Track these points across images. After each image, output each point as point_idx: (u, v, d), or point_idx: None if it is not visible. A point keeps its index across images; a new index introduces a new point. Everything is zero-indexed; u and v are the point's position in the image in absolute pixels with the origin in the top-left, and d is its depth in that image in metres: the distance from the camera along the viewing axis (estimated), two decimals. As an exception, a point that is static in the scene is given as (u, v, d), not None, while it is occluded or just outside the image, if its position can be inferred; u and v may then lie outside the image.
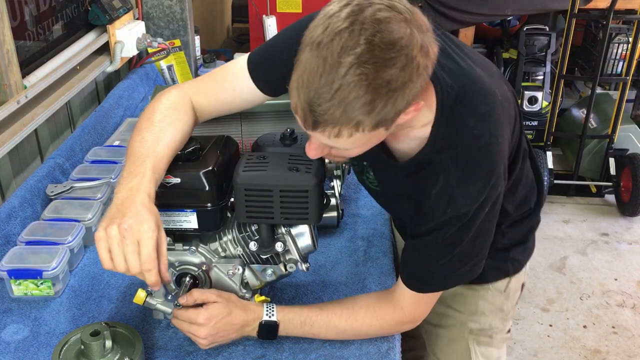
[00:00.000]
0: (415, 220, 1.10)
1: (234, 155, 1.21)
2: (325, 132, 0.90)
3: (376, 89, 0.84)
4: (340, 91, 0.84)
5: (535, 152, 3.42)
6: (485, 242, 1.11)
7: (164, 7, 2.45)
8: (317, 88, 0.85)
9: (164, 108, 1.12)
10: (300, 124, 0.93)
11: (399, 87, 0.85)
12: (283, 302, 1.30)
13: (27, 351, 1.18)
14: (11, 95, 1.57)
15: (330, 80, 0.84)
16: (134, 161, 1.03)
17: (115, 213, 0.96)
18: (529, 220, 1.31)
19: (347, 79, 0.83)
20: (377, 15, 0.83)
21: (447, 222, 1.03)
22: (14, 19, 1.62)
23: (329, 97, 0.85)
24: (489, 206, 1.04)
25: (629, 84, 3.36)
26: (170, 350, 1.18)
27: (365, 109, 0.85)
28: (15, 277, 1.28)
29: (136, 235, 0.94)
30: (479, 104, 1.02)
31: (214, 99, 1.19)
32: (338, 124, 0.88)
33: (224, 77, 1.18)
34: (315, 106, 0.86)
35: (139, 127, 1.09)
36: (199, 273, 1.16)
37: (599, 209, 3.55)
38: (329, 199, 1.26)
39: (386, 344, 1.19)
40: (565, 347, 2.60)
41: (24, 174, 1.69)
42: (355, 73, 0.83)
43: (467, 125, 1.01)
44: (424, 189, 1.04)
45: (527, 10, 3.64)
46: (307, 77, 0.86)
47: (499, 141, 1.03)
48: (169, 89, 1.18)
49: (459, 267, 1.11)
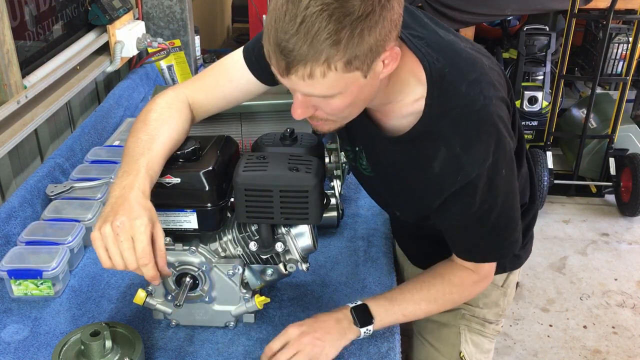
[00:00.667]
0: (419, 199, 1.10)
1: (234, 155, 1.21)
2: (299, 73, 0.89)
3: (339, 19, 0.85)
4: (304, 24, 0.85)
5: (535, 151, 3.42)
6: (514, 205, 1.11)
7: (164, 7, 2.45)
8: (282, 26, 0.86)
9: (158, 108, 1.12)
10: (276, 74, 0.93)
11: (362, 17, 0.86)
12: (283, 302, 1.30)
13: (27, 351, 1.18)
14: (11, 95, 1.57)
15: (293, 15, 0.85)
16: (129, 160, 1.03)
17: (109, 212, 0.97)
18: (526, 217, 1.31)
19: (309, 11, 0.84)
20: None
21: (462, 191, 1.03)
22: (14, 19, 1.62)
23: (294, 31, 0.85)
24: (503, 167, 1.04)
25: (629, 84, 3.36)
26: (170, 350, 1.18)
27: (330, 40, 0.85)
28: (15, 277, 1.28)
29: (129, 232, 0.94)
30: (467, 71, 1.03)
31: (212, 94, 1.19)
32: (308, 62, 0.88)
33: (220, 71, 1.19)
34: (283, 44, 0.87)
35: (134, 128, 1.10)
36: (199, 273, 1.16)
37: (599, 209, 3.55)
38: (329, 199, 1.26)
39: (386, 344, 1.19)
40: (565, 347, 2.60)
41: (24, 174, 1.69)
42: (316, 4, 0.84)
43: (460, 91, 1.01)
44: (424, 162, 1.05)
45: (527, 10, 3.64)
46: (274, 19, 0.88)
47: (493, 102, 1.03)
48: (166, 91, 1.19)
49: (509, 233, 1.13)
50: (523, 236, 1.33)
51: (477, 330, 1.41)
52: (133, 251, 0.95)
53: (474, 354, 1.42)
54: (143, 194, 0.99)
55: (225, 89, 1.19)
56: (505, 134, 1.03)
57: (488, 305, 1.39)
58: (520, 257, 1.38)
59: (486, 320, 1.40)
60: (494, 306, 1.39)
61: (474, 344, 1.41)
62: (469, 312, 1.39)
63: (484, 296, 1.36)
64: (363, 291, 1.34)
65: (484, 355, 1.44)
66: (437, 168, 1.03)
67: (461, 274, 1.19)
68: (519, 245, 1.17)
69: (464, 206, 1.05)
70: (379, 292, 1.33)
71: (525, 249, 1.38)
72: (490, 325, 1.41)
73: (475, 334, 1.41)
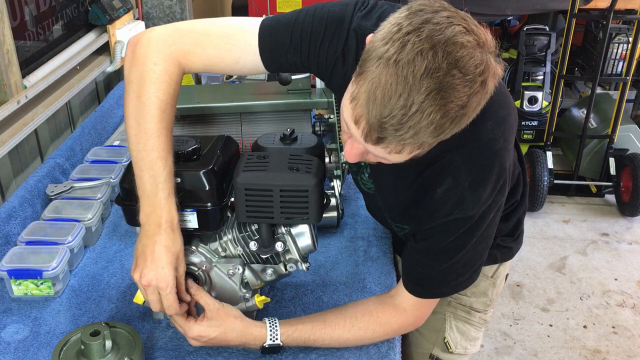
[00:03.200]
0: (416, 218, 1.09)
1: (234, 155, 1.21)
2: (388, 148, 0.88)
3: (449, 114, 0.83)
4: (416, 114, 0.82)
5: (535, 151, 3.42)
6: (486, 247, 1.11)
7: (164, 7, 2.45)
8: (392, 107, 0.83)
9: (159, 111, 1.05)
10: (357, 136, 0.89)
11: (469, 111, 0.85)
12: (283, 302, 1.30)
13: (27, 351, 1.18)
14: (11, 95, 1.57)
15: (409, 103, 0.82)
16: (148, 182, 1.03)
17: (140, 256, 1.04)
18: (516, 213, 1.32)
19: (425, 104, 0.81)
20: (458, 38, 0.82)
21: (451, 224, 1.03)
22: (14, 19, 1.62)
23: (404, 119, 0.83)
24: (494, 211, 1.04)
25: (629, 84, 3.36)
26: (170, 350, 1.18)
27: (435, 132, 0.85)
28: (15, 277, 1.28)
29: (156, 290, 1.04)
30: (498, 106, 1.02)
31: (211, 67, 1.14)
32: (404, 144, 0.86)
33: (229, 47, 1.11)
34: (387, 125, 0.84)
35: (139, 134, 1.05)
36: (199, 273, 1.16)
37: (599, 209, 3.55)
38: (329, 198, 1.26)
39: (386, 344, 1.19)
40: (565, 347, 2.60)
41: (24, 174, 1.69)
42: (435, 98, 0.81)
43: (486, 127, 1.00)
44: (429, 188, 1.04)
45: (527, 10, 3.65)
46: (382, 93, 0.83)
47: (509, 147, 1.03)
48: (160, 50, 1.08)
49: (461, 273, 1.11)
50: (514, 230, 1.35)
51: (463, 318, 1.41)
52: (161, 304, 1.06)
53: (459, 341, 1.42)
54: (172, 229, 1.03)
55: (227, 67, 1.14)
56: (507, 182, 1.04)
57: (476, 294, 1.39)
58: (512, 249, 1.38)
59: (473, 309, 1.40)
60: (482, 295, 1.39)
61: (460, 331, 1.41)
62: (456, 300, 1.39)
63: (473, 285, 1.36)
64: (363, 291, 1.34)
65: (470, 343, 1.43)
66: (439, 194, 1.03)
67: (391, 314, 1.16)
68: (468, 284, 1.15)
69: (442, 236, 1.05)
70: (379, 291, 1.33)
71: (516, 242, 1.38)
72: (477, 314, 1.41)
73: (461, 321, 1.41)
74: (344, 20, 1.07)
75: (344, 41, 1.06)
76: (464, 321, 1.41)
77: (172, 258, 1.04)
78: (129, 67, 1.08)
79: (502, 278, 1.42)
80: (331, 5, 1.09)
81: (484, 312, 1.42)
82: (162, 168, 1.03)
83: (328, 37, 1.07)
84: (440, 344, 1.42)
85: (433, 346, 1.44)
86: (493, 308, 1.45)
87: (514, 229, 1.35)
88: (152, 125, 1.04)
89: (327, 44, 1.07)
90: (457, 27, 0.83)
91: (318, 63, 1.10)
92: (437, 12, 0.85)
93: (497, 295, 1.43)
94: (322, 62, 1.09)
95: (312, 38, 1.07)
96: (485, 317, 1.43)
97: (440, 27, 0.83)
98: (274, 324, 1.13)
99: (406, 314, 1.16)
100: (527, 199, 1.34)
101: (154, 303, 1.06)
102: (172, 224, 1.04)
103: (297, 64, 1.11)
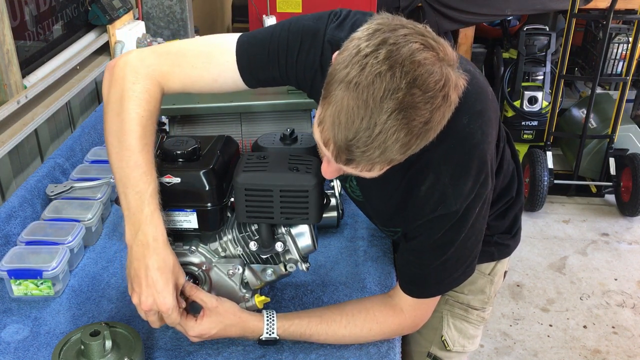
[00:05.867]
0: (404, 218, 1.10)
1: (234, 155, 1.21)
2: (358, 168, 0.91)
3: (414, 130, 0.85)
4: (380, 135, 0.84)
5: (535, 151, 3.42)
6: (476, 242, 1.12)
7: (164, 7, 2.45)
8: (357, 130, 0.85)
9: (140, 127, 1.04)
10: (329, 156, 0.92)
11: (434, 125, 0.87)
12: (283, 302, 1.30)
13: (27, 351, 1.18)
14: (11, 95, 1.57)
15: (372, 124, 0.84)
16: (133, 200, 1.02)
17: (134, 279, 1.03)
18: (512, 209, 1.32)
19: (388, 124, 0.84)
20: (415, 56, 0.83)
21: (437, 220, 1.04)
22: (14, 19, 1.62)
23: (369, 140, 0.85)
24: (479, 205, 1.05)
25: (629, 84, 3.36)
26: (170, 350, 1.18)
27: (402, 149, 0.87)
28: (15, 277, 1.28)
29: (157, 313, 1.05)
30: (474, 101, 1.03)
31: (191, 87, 1.13)
32: (373, 162, 0.89)
33: (206, 66, 1.11)
34: (353, 148, 0.87)
35: (120, 152, 1.04)
36: (199, 273, 1.16)
37: (599, 209, 3.55)
38: (329, 199, 1.26)
39: (386, 343, 1.19)
40: (565, 347, 2.60)
41: (24, 174, 1.69)
42: (397, 118, 0.83)
43: (462, 122, 1.01)
44: (414, 187, 1.05)
45: (527, 10, 3.65)
46: (346, 117, 0.85)
47: (489, 140, 1.04)
48: (138, 71, 1.08)
49: (454, 270, 1.12)
50: (511, 227, 1.36)
51: (460, 316, 1.41)
52: (161, 321, 1.07)
53: (456, 339, 1.42)
54: (160, 247, 1.03)
55: (206, 85, 1.14)
56: (490, 174, 1.05)
57: (473, 291, 1.39)
58: (509, 246, 1.38)
59: (470, 307, 1.40)
60: (479, 293, 1.39)
61: (457, 329, 1.41)
62: (453, 298, 1.39)
63: (470, 283, 1.36)
64: (363, 291, 1.34)
65: (469, 341, 1.43)
66: (423, 191, 1.04)
67: (389, 314, 1.17)
68: (462, 280, 1.15)
69: (430, 233, 1.06)
70: (379, 292, 1.33)
71: (514, 239, 1.38)
72: (474, 312, 1.41)
73: (459, 319, 1.41)
74: (317, 32, 1.08)
75: (320, 53, 1.08)
76: (461, 319, 1.41)
77: (168, 277, 1.03)
78: (108, 89, 1.08)
79: (500, 275, 1.42)
80: (306, 19, 1.11)
81: (482, 309, 1.42)
82: (147, 184, 1.02)
83: (304, 50, 1.08)
84: (438, 342, 1.42)
85: (431, 344, 1.44)
86: (492, 306, 1.45)
87: (511, 226, 1.35)
88: (133, 142, 1.03)
89: (304, 57, 1.08)
90: (414, 44, 0.84)
91: (297, 76, 1.11)
92: (394, 30, 0.86)
93: (495, 292, 1.43)
94: (300, 76, 1.11)
95: (289, 52, 1.08)
96: (483, 314, 1.43)
97: (397, 46, 0.84)
98: (272, 318, 1.14)
99: (403, 315, 1.17)
100: (523, 196, 1.35)
101: (155, 323, 1.07)
102: (160, 241, 1.03)
103: (276, 78, 1.12)
